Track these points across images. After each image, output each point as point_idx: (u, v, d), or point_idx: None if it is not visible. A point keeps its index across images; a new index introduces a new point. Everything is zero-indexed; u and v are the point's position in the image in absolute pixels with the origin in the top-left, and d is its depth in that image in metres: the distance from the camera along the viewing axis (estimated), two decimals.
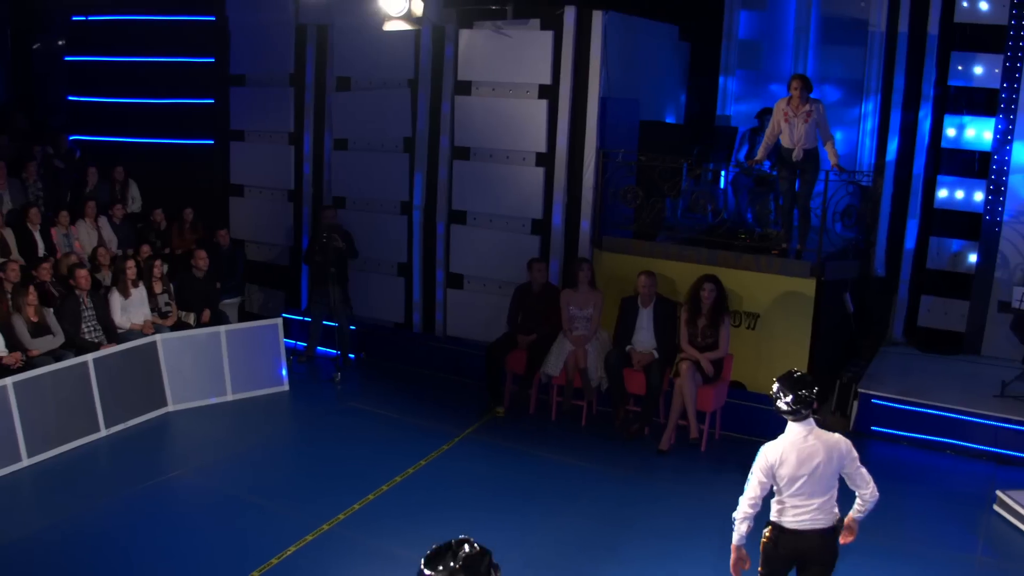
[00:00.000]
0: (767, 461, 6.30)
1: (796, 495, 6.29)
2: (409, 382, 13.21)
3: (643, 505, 9.73)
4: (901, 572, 8.55)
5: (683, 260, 12.33)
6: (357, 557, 8.47)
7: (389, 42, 13.28)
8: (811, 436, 6.31)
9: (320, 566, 8.26)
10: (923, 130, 13.70)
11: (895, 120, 13.84)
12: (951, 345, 13.62)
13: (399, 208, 14.15)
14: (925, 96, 13.68)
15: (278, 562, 8.22)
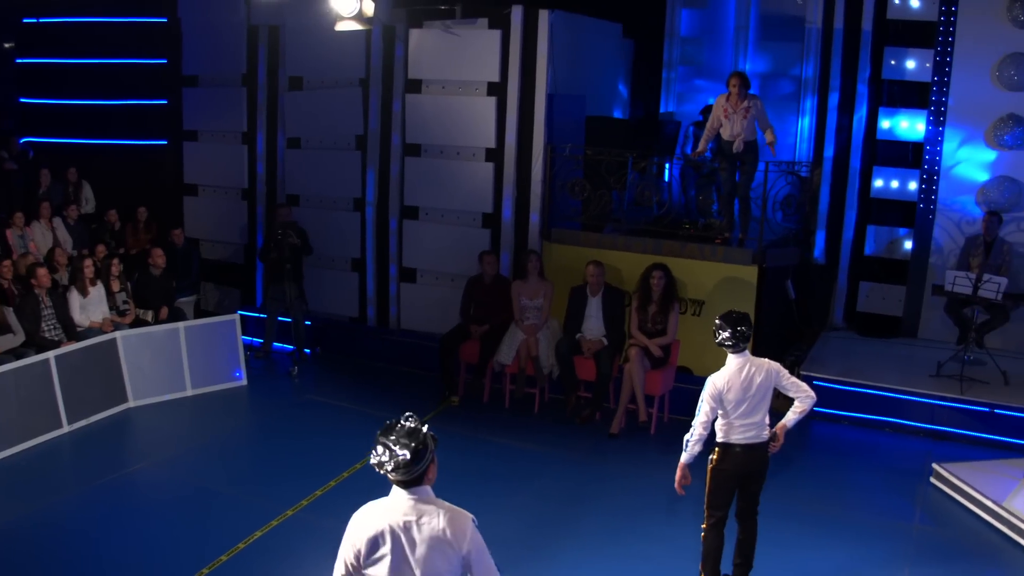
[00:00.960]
0: (716, 388, 7.42)
1: (742, 415, 7.40)
2: (365, 375, 13.44)
3: (596, 485, 10.06)
4: (844, 540, 8.97)
5: (630, 250, 12.74)
6: (322, 540, 8.63)
7: (340, 42, 13.50)
8: (748, 364, 7.46)
9: (286, 550, 8.51)
10: (859, 122, 14.10)
11: (832, 113, 14.24)
12: (889, 329, 14.09)
13: (352, 205, 14.40)
14: (860, 90, 14.06)
15: (245, 547, 8.46)
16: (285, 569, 8.20)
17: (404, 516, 4.70)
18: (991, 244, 12.66)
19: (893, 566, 8.55)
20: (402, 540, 4.69)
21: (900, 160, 14.12)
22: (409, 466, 4.63)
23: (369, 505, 4.84)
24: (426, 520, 4.69)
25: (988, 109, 13.47)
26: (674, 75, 16.16)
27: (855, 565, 8.55)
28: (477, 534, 4.72)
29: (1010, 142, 13.33)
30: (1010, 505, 9.30)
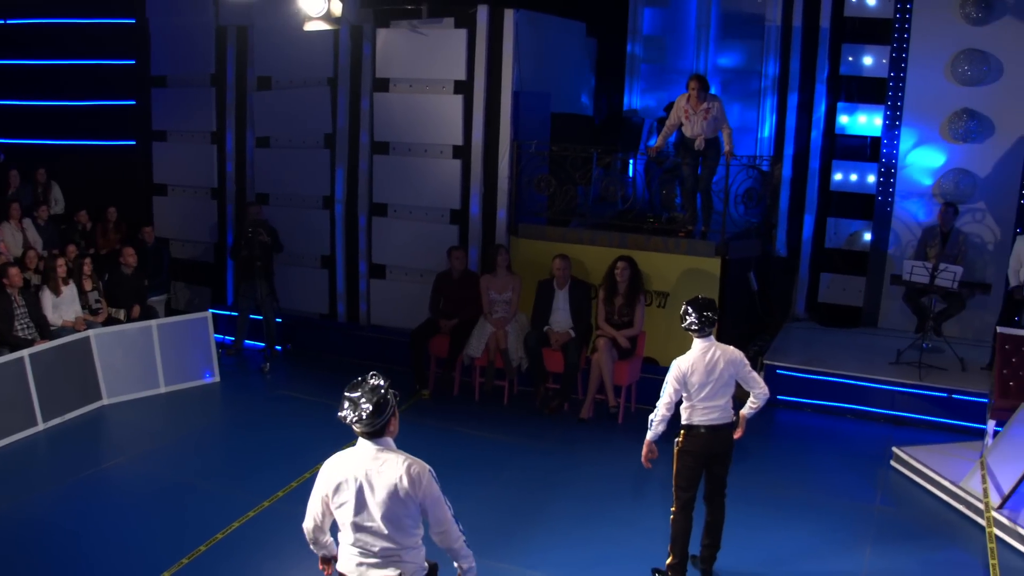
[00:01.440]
0: (680, 371, 7.66)
1: (705, 399, 7.68)
2: (336, 370, 13.58)
3: (565, 473, 10.28)
4: (808, 521, 9.26)
5: (595, 244, 12.96)
6: (298, 528, 8.86)
7: (308, 41, 13.65)
8: (713, 348, 7.65)
9: (264, 539, 8.66)
10: (818, 117, 14.43)
11: (792, 108, 14.56)
12: (850, 319, 14.43)
13: (321, 202, 14.55)
14: (819, 86, 14.39)
15: (223, 536, 8.60)
16: (263, 558, 8.35)
17: (367, 464, 5.21)
18: (947, 235, 12.97)
19: (856, 545, 8.83)
20: (364, 486, 5.19)
21: (858, 154, 14.46)
22: (372, 418, 5.17)
23: (337, 455, 5.36)
24: (386, 468, 5.18)
25: (943, 104, 13.84)
26: (637, 72, 16.39)
27: (819, 545, 8.83)
28: (433, 484, 5.22)
29: (964, 136, 13.68)
30: (967, 485, 9.61)
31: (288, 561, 8.28)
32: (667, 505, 8.01)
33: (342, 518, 5.29)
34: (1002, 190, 13.62)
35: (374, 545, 5.26)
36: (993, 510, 9.01)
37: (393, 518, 5.19)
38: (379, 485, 5.17)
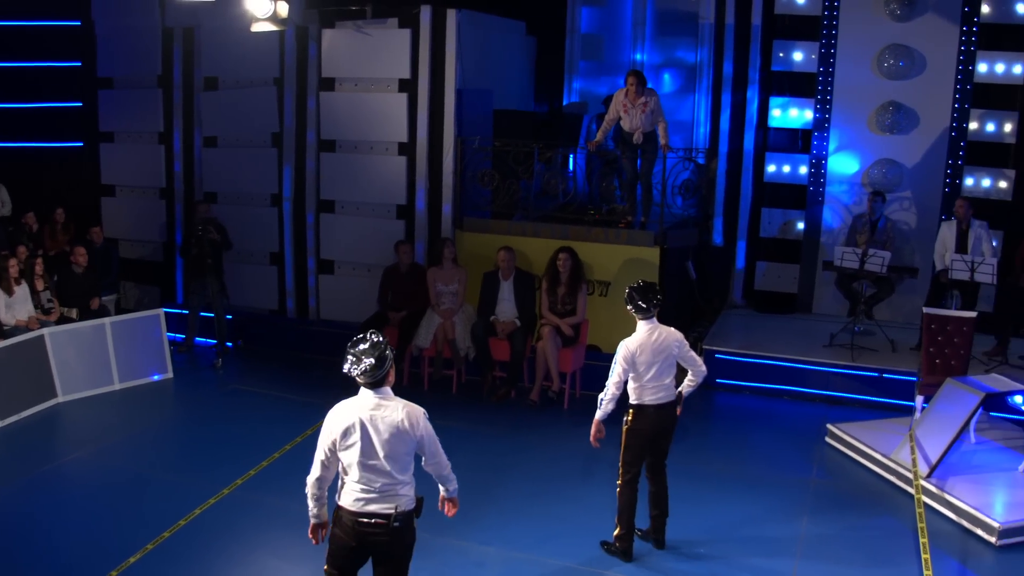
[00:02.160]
0: (628, 351, 8.06)
1: (652, 378, 8.07)
2: (287, 365, 13.79)
3: (514, 455, 10.63)
4: (749, 495, 9.70)
5: (538, 236, 13.31)
6: (260, 513, 9.12)
7: (254, 42, 13.82)
8: (657, 330, 8.05)
9: (226, 524, 8.88)
10: (751, 111, 14.92)
11: (726, 103, 15.02)
12: (785, 305, 14.96)
13: (269, 200, 14.76)
14: (751, 80, 14.89)
15: (185, 523, 8.77)
16: (226, 542, 8.57)
17: (371, 410, 5.94)
18: (876, 222, 13.48)
19: (793, 515, 9.28)
20: (369, 428, 5.92)
21: (790, 146, 15.01)
22: (374, 370, 5.88)
23: (342, 403, 6.06)
24: (388, 412, 5.93)
25: (870, 97, 14.40)
26: (576, 70, 16.75)
27: (759, 515, 9.26)
28: (428, 424, 6.05)
29: (891, 127, 14.23)
30: (897, 457, 10.09)
31: (250, 544, 8.57)
32: (612, 483, 8.36)
33: (348, 459, 5.98)
34: (927, 179, 14.22)
35: (376, 481, 5.96)
36: (921, 479, 9.50)
37: (394, 456, 5.93)
38: (383, 427, 5.90)
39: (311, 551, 8.29)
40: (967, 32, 13.85)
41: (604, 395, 8.10)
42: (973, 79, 13.94)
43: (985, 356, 12.41)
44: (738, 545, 8.67)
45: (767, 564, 8.35)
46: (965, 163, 14.08)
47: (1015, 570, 8.43)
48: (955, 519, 9.15)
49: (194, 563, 8.17)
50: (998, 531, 8.70)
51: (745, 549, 8.59)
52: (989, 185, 14.07)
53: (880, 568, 8.37)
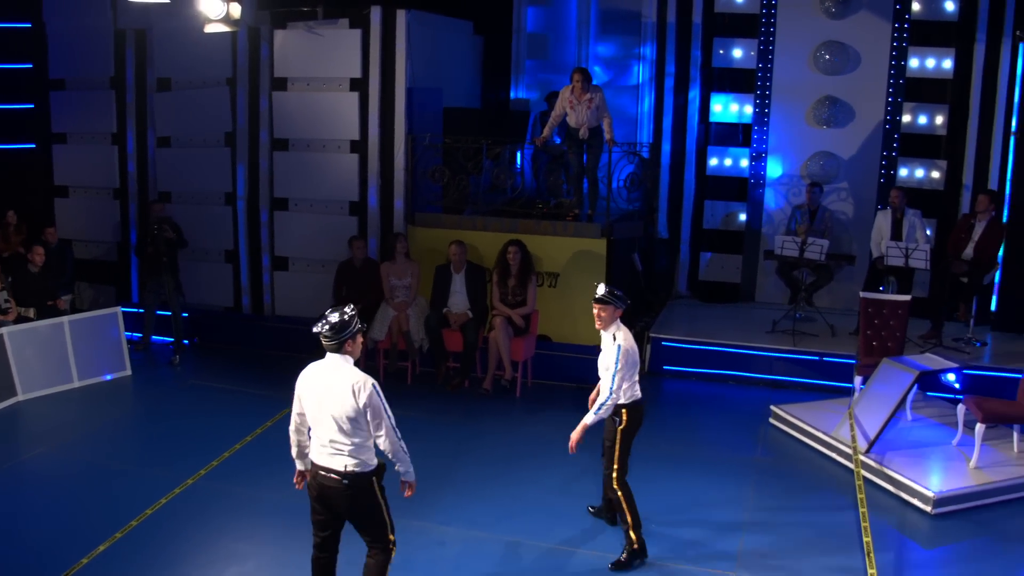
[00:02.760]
0: (633, 350, 8.05)
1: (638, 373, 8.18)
2: (244, 360, 13.97)
3: (469, 442, 10.94)
4: (698, 473, 10.15)
5: (488, 230, 13.60)
6: (225, 502, 9.35)
7: (207, 43, 13.98)
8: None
9: (192, 512, 9.09)
10: (693, 107, 15.34)
11: (668, 99, 15.45)
12: (729, 294, 15.43)
13: (224, 199, 14.91)
14: (693, 77, 15.32)
15: (152, 512, 8.98)
16: (193, 530, 8.76)
17: (328, 372, 6.51)
18: (815, 212, 13.95)
19: (740, 490, 9.73)
20: (322, 388, 6.47)
21: (731, 140, 15.45)
22: (334, 332, 6.48)
23: (311, 365, 6.64)
24: (341, 378, 6.45)
25: (808, 92, 14.90)
26: (522, 68, 17.07)
27: (708, 491, 9.70)
28: (374, 395, 6.46)
29: (827, 121, 14.73)
30: (837, 434, 10.56)
31: (216, 531, 8.77)
32: (564, 466, 8.74)
33: (308, 414, 6.60)
34: (863, 170, 14.74)
35: (328, 438, 6.52)
36: (860, 454, 9.97)
37: (341, 418, 6.44)
38: (333, 390, 6.43)
39: (276, 536, 8.72)
40: (899, 29, 14.37)
41: (607, 400, 7.94)
42: (905, 74, 14.47)
43: (921, 339, 12.88)
44: (688, 520, 9.06)
45: (715, 537, 8.74)
46: (899, 154, 14.61)
47: (949, 536, 8.93)
48: (893, 491, 9.62)
49: (162, 550, 8.38)
50: (933, 500, 9.18)
51: (695, 524, 8.99)
52: (922, 175, 14.59)
53: (822, 539, 8.79)
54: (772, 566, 8.26)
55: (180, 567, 8.12)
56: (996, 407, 10.02)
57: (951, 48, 14.30)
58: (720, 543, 8.65)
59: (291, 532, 8.60)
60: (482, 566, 8.16)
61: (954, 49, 14.28)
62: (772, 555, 8.47)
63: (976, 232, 12.96)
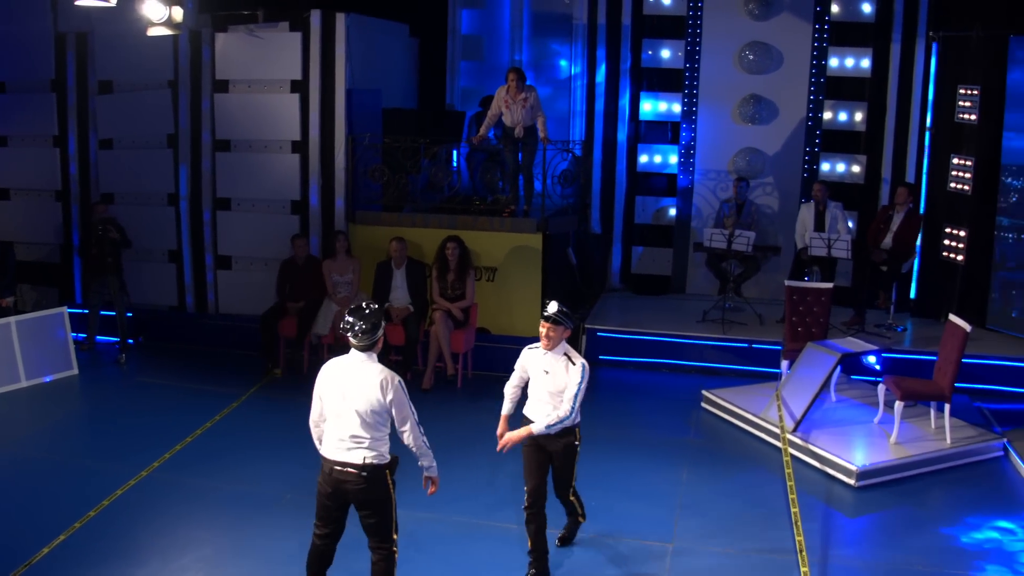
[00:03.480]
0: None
1: None
2: (190, 358, 14.12)
3: None
4: (634, 455, 10.67)
5: (427, 227, 13.98)
6: (180, 492, 9.60)
7: (148, 46, 14.12)
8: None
9: (147, 503, 9.32)
10: (623, 105, 15.84)
11: (599, 98, 15.92)
12: (660, 286, 15.97)
13: (166, 199, 15.03)
14: (623, 77, 15.83)
15: (108, 503, 9.21)
16: (150, 519, 9.00)
17: (354, 368, 6.75)
18: (742, 206, 14.52)
19: (674, 469, 10.27)
20: (348, 384, 6.71)
21: (661, 137, 16.00)
22: (368, 334, 6.71)
23: (333, 360, 6.92)
24: (366, 374, 6.71)
25: (733, 90, 15.50)
26: (457, 69, 17.43)
27: (645, 470, 10.24)
28: (400, 391, 6.76)
29: (752, 118, 15.32)
30: (765, 415, 11.11)
31: (173, 520, 9.01)
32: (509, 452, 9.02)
33: (328, 410, 6.81)
34: (787, 165, 15.37)
35: (348, 432, 6.73)
36: (788, 433, 10.54)
37: (365, 412, 6.68)
38: (359, 386, 6.68)
39: (233, 523, 9.02)
40: (819, 29, 15.01)
41: (566, 419, 7.71)
42: (826, 73, 15.13)
43: (844, 326, 13.49)
44: (626, 498, 9.56)
45: (652, 512, 9.26)
46: (821, 150, 15.27)
47: (872, 506, 9.53)
48: (819, 466, 10.21)
49: (121, 537, 8.63)
50: (856, 474, 9.78)
51: (632, 502, 9.49)
52: (843, 170, 15.27)
53: (753, 512, 9.33)
54: (707, 538, 8.77)
55: (139, 553, 8.37)
56: (913, 385, 10.64)
57: (869, 48, 14.96)
58: (657, 518, 9.14)
59: (248, 519, 9.00)
60: (436, 546, 8.57)
61: (871, 49, 14.94)
62: (706, 528, 8.98)
63: (894, 223, 13.59)
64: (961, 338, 10.37)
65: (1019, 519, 9.28)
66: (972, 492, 9.89)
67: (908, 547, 8.74)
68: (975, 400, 12.34)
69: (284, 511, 9.23)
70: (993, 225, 13.82)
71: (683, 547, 8.61)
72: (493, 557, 8.43)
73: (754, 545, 8.66)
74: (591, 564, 8.35)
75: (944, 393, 10.46)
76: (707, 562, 8.40)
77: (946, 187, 14.23)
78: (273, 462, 10.30)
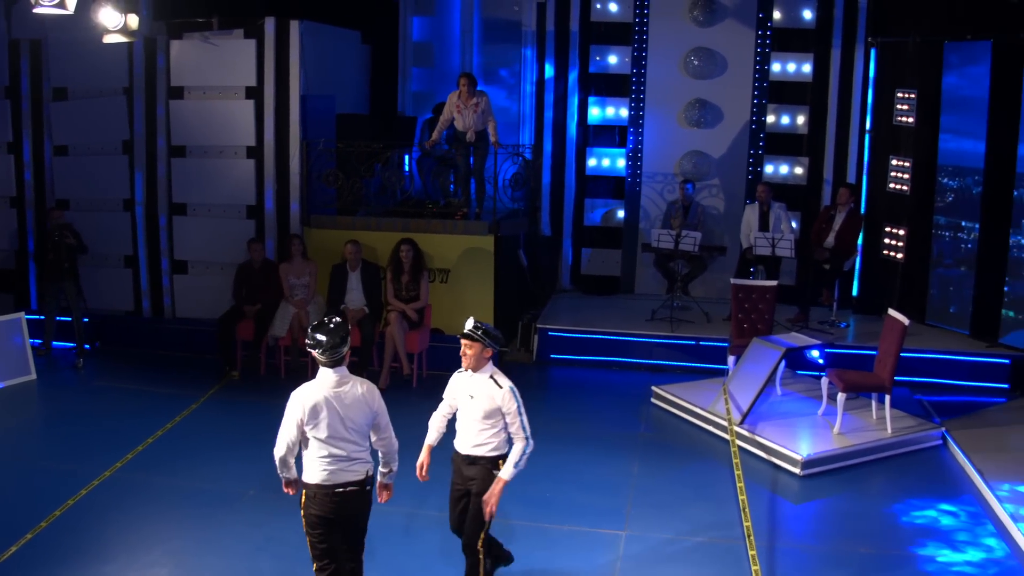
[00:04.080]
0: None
1: None
2: (148, 362, 14.19)
3: None
4: (587, 448, 10.99)
5: (381, 230, 14.21)
6: (146, 491, 9.75)
7: (103, 53, 14.19)
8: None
9: (113, 501, 9.48)
10: (572, 110, 16.17)
11: (548, 103, 16.24)
12: (609, 287, 16.31)
13: (122, 205, 15.13)
14: (572, 82, 16.16)
15: (74, 502, 9.35)
16: (116, 516, 9.17)
17: (334, 388, 6.57)
18: (688, 207, 14.88)
19: (626, 461, 10.62)
20: (335, 404, 6.55)
21: (609, 141, 16.36)
22: (337, 349, 6.54)
23: (304, 386, 6.66)
24: (350, 388, 6.62)
25: (679, 95, 15.88)
26: (409, 75, 17.66)
27: (597, 463, 10.57)
28: (382, 399, 6.76)
29: (698, 122, 15.70)
30: (713, 408, 11.49)
31: (140, 518, 9.17)
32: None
33: (318, 435, 6.57)
34: (732, 167, 15.81)
35: (344, 451, 6.61)
36: (735, 426, 10.91)
37: (358, 427, 6.64)
38: (348, 401, 6.57)
39: (200, 519, 9.19)
40: (762, 36, 15.46)
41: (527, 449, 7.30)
42: (769, 77, 15.58)
43: (789, 322, 13.89)
44: (579, 488, 9.88)
45: (605, 502, 9.59)
46: (765, 152, 15.72)
47: (816, 493, 9.96)
48: (765, 457, 10.59)
49: (88, 534, 8.80)
50: (801, 463, 10.17)
51: (585, 492, 9.81)
52: (786, 171, 15.72)
53: (703, 501, 9.68)
54: (658, 526, 9.10)
55: (108, 548, 8.55)
56: (855, 378, 11.05)
57: (810, 53, 15.44)
58: (610, 507, 9.46)
59: (213, 515, 9.20)
60: (391, 536, 8.80)
61: (812, 54, 15.42)
62: (658, 516, 9.31)
63: (836, 222, 14.06)
64: (900, 331, 10.78)
65: (957, 501, 9.73)
66: (912, 478, 10.32)
67: (851, 531, 9.14)
68: (915, 393, 12.77)
69: (249, 506, 9.45)
70: (931, 224, 14.29)
71: (636, 534, 8.92)
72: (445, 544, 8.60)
73: (704, 531, 8.99)
74: (547, 551, 8.64)
75: (884, 385, 10.88)
76: (659, 547, 8.72)
77: (886, 187, 14.71)
78: (235, 461, 10.48)
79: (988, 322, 13.63)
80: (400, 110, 17.46)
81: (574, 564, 8.43)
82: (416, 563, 8.49)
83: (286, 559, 8.38)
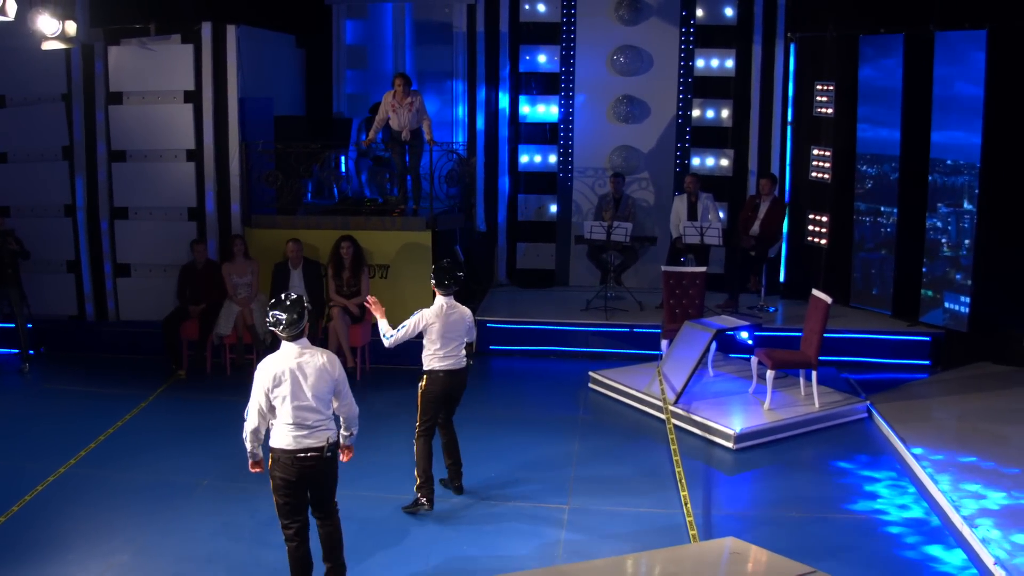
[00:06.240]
0: (422, 317, 9.18)
1: (443, 347, 9.17)
2: (94, 365, 14.28)
3: None
4: (529, 432, 11.40)
5: (321, 228, 14.52)
6: (102, 485, 9.96)
7: (40, 60, 14.27)
8: (453, 306, 9.31)
9: (71, 495, 9.68)
10: (504, 109, 16.57)
11: (480, 101, 16.59)
12: (545, 280, 16.71)
13: (63, 210, 15.18)
14: (503, 81, 16.54)
15: (31, 498, 9.52)
16: (75, 509, 9.37)
17: (296, 358, 7.08)
18: (619, 200, 15.34)
19: (566, 443, 11.05)
20: (297, 374, 7.04)
21: (540, 138, 16.76)
22: (296, 324, 7.08)
23: (268, 358, 7.19)
24: (312, 358, 7.13)
25: (607, 91, 16.35)
26: (343, 77, 17.89)
27: (539, 445, 10.97)
28: (343, 367, 7.34)
29: (626, 118, 16.18)
30: (648, 390, 11.97)
31: (98, 509, 9.42)
32: (406, 437, 9.68)
33: (282, 403, 7.03)
34: (660, 160, 16.31)
35: (308, 419, 7.07)
36: (670, 405, 11.38)
37: (320, 395, 7.09)
38: (310, 371, 7.05)
39: (158, 509, 9.43)
40: (685, 33, 15.96)
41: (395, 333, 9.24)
42: (693, 73, 16.09)
43: (718, 308, 14.39)
44: (522, 469, 10.30)
45: (547, 479, 10.03)
46: (691, 145, 16.23)
47: (749, 465, 10.54)
48: (700, 433, 11.12)
49: (48, 527, 9.00)
50: (734, 437, 10.70)
51: (529, 471, 10.24)
52: (713, 163, 16.23)
53: (641, 476, 10.17)
54: (600, 500, 9.55)
55: (69, 539, 8.76)
56: (783, 356, 11.61)
57: (732, 49, 15.98)
58: (553, 484, 9.89)
59: (169, 504, 9.47)
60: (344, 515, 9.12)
61: (735, 50, 15.97)
62: (599, 491, 9.76)
63: (761, 211, 14.59)
64: (823, 309, 11.33)
65: (881, 467, 10.36)
66: (839, 448, 10.90)
67: (783, 498, 9.73)
68: (842, 372, 13.32)
69: (204, 494, 9.72)
70: (852, 210, 14.88)
71: (578, 507, 9.36)
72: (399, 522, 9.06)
73: (644, 503, 9.46)
74: (494, 524, 9.06)
75: (811, 361, 11.42)
76: (601, 520, 9.16)
77: (808, 176, 15.32)
78: (187, 455, 10.69)
79: (909, 302, 14.25)
80: (336, 111, 17.68)
81: (520, 538, 8.81)
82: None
83: (243, 541, 8.71)
